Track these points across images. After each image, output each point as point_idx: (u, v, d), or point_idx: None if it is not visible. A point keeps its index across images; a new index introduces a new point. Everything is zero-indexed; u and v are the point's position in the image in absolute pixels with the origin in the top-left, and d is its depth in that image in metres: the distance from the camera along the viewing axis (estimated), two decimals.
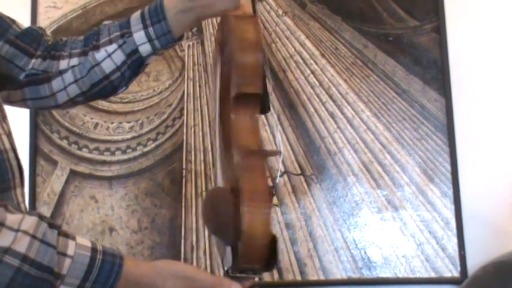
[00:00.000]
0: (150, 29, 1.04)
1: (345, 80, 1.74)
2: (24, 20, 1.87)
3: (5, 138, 0.86)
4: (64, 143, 1.83)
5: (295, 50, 1.75)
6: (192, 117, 1.79)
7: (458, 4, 1.73)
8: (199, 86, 1.79)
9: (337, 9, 1.77)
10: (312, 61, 1.75)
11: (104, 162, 1.82)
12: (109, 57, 1.04)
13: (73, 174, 1.82)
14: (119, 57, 1.04)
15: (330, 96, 1.74)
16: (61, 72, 1.06)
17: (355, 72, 1.74)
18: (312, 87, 1.72)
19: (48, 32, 1.13)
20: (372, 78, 1.73)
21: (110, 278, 0.79)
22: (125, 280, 0.80)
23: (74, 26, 1.88)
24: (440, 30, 1.72)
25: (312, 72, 1.75)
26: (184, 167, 1.77)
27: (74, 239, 0.79)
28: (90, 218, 1.80)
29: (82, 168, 1.82)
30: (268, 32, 1.77)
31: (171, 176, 1.78)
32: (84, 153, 1.83)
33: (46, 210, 1.80)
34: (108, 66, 1.05)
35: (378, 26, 1.76)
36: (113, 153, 1.82)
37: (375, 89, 1.73)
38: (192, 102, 1.80)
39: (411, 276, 1.65)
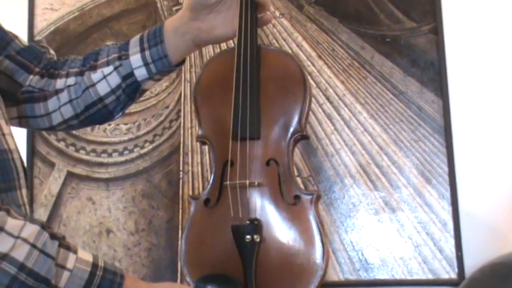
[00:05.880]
0: (147, 53, 1.01)
1: (342, 82, 1.74)
2: (21, 22, 1.90)
3: (9, 138, 0.85)
4: (61, 145, 1.83)
5: (292, 51, 1.75)
6: (189, 119, 1.79)
7: (456, 5, 1.73)
8: None
9: (334, 11, 1.77)
10: (309, 62, 1.75)
11: (101, 164, 1.82)
12: (104, 79, 1.02)
13: (70, 176, 1.82)
14: (114, 79, 1.02)
15: (327, 98, 1.74)
16: (57, 92, 1.03)
17: (352, 74, 1.74)
18: None
19: (52, 51, 1.10)
20: (369, 80, 1.73)
21: None
22: None
23: (71, 28, 1.88)
24: (437, 32, 1.72)
25: (309, 74, 1.74)
26: (181, 168, 1.77)
27: (75, 252, 0.78)
28: (87, 220, 1.79)
29: (79, 170, 1.82)
30: (265, 33, 1.77)
31: (168, 178, 1.78)
32: (82, 155, 1.83)
33: (43, 212, 1.80)
34: (103, 88, 1.02)
35: (375, 27, 1.75)
36: (110, 155, 1.82)
37: (372, 91, 1.73)
38: (189, 104, 1.80)
39: (408, 278, 1.64)
